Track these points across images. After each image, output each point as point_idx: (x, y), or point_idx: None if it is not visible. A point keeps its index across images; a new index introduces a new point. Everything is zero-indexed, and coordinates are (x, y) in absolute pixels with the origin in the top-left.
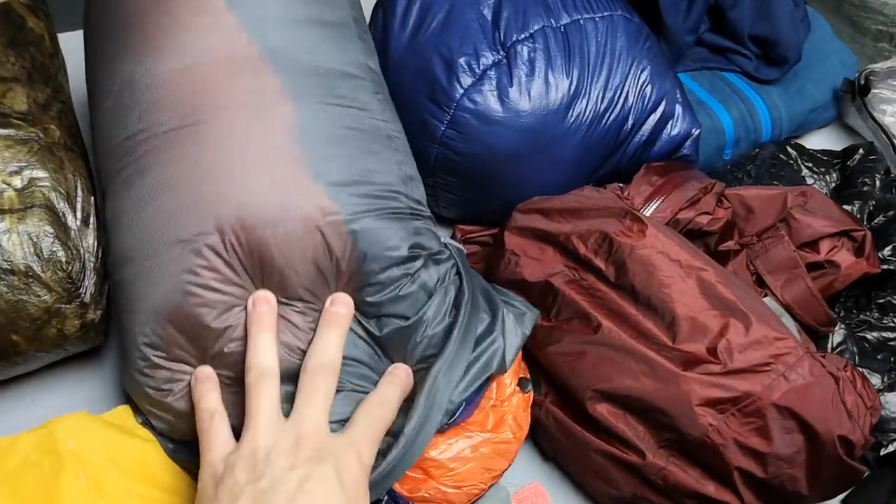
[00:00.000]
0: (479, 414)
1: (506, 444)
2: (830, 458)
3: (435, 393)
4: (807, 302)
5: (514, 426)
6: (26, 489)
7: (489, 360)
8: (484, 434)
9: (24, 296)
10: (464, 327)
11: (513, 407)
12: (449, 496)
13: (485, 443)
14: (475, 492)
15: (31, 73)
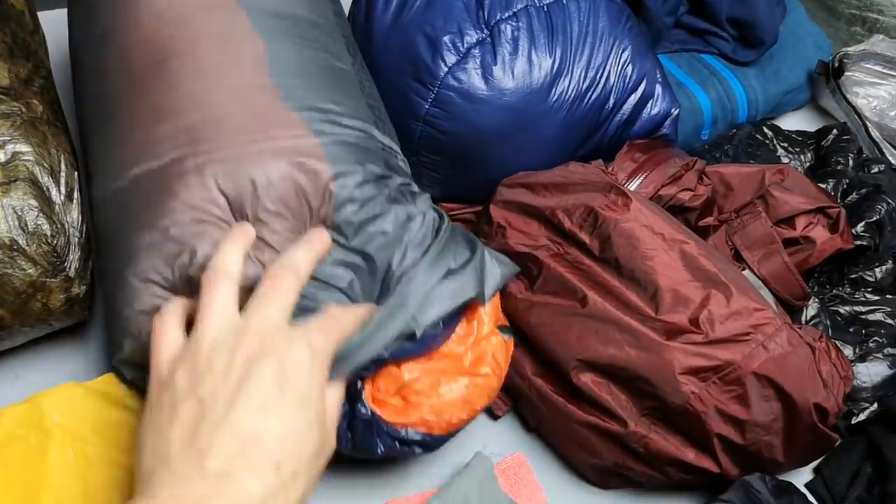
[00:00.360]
0: (458, 345)
1: (485, 378)
2: (806, 425)
3: (405, 296)
4: (783, 276)
5: (493, 363)
6: (13, 463)
7: (465, 285)
8: (463, 366)
9: (8, 269)
10: (440, 248)
11: (492, 346)
12: (429, 423)
13: (464, 375)
14: (455, 422)
15: (13, 48)
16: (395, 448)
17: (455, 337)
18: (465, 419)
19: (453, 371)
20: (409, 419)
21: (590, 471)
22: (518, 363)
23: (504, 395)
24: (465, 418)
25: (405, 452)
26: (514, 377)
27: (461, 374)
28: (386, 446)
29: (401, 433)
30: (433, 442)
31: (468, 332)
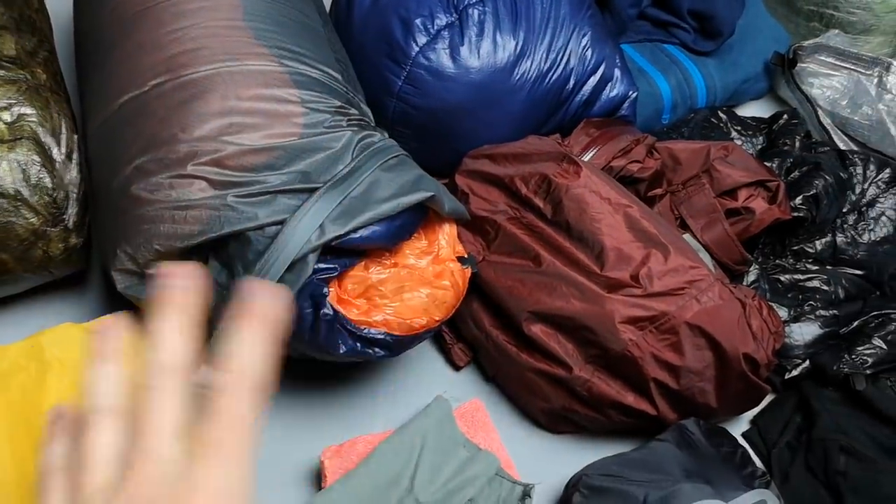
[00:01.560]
0: (420, 259)
1: (444, 290)
2: (736, 373)
3: (360, 180)
4: (724, 243)
5: (452, 280)
6: (15, 389)
7: (423, 183)
8: (425, 277)
9: (13, 217)
10: (398, 162)
11: (451, 268)
12: (391, 324)
13: (426, 285)
14: (415, 327)
15: (19, 23)
16: (358, 349)
17: (417, 251)
18: (424, 325)
19: (416, 280)
20: (371, 319)
21: (541, 415)
22: (476, 317)
23: (465, 347)
24: (424, 324)
25: (367, 354)
26: (473, 329)
27: (423, 284)
28: (348, 346)
29: (363, 331)
30: (394, 343)
31: (429, 251)
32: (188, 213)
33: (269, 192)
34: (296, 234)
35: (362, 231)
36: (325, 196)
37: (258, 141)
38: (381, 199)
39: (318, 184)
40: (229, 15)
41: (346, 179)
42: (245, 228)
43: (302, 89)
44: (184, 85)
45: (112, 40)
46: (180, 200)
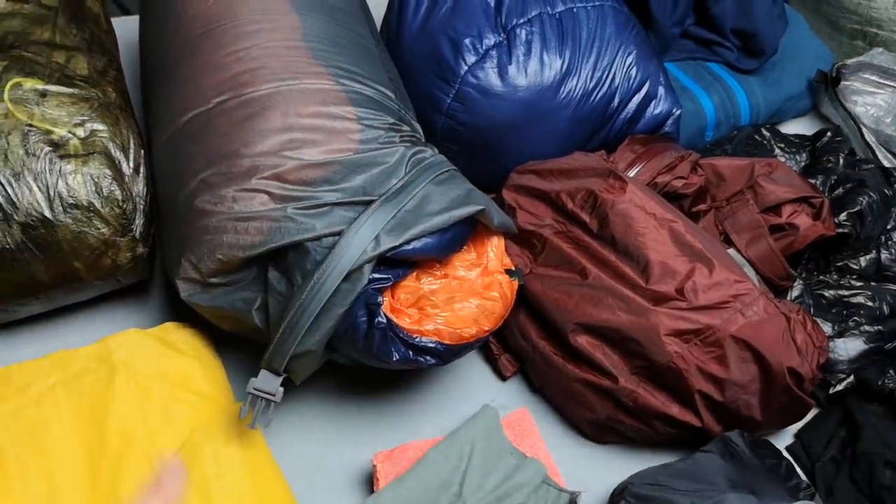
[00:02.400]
0: (469, 271)
1: (493, 301)
2: (780, 387)
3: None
4: (768, 258)
5: (501, 291)
6: (86, 390)
7: (473, 196)
8: (475, 289)
9: (86, 227)
10: (449, 177)
11: (499, 280)
12: (442, 333)
13: (475, 296)
14: (465, 336)
15: (91, 44)
16: (409, 356)
17: (467, 263)
18: (474, 334)
19: (466, 291)
20: (423, 328)
21: (586, 425)
22: (523, 328)
23: (512, 358)
24: (473, 333)
25: (418, 362)
26: (520, 340)
27: (473, 295)
28: (401, 354)
29: (415, 340)
30: (445, 352)
31: (478, 263)
32: (250, 225)
33: (326, 205)
34: (352, 245)
35: (415, 243)
36: (380, 209)
37: (317, 156)
38: (434, 212)
39: (374, 197)
40: (289, 36)
41: (399, 193)
42: (304, 239)
43: (358, 107)
44: (246, 102)
45: (176, 60)
46: (242, 212)
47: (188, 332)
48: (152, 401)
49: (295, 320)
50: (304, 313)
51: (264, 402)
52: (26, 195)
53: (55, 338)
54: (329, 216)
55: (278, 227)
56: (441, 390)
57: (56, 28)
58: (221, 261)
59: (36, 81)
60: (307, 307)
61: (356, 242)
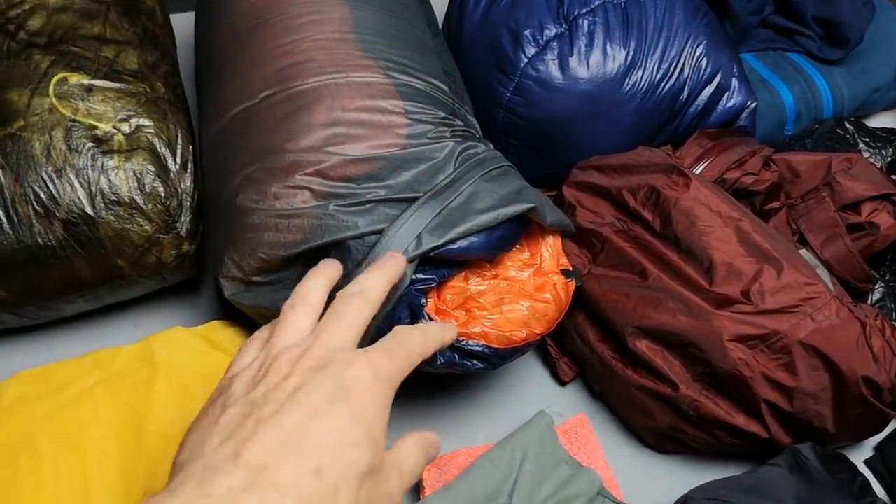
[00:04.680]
0: (522, 271)
1: (545, 303)
2: (855, 397)
3: (460, 191)
4: (845, 259)
5: (554, 293)
6: (126, 390)
7: (524, 194)
8: (526, 290)
9: (128, 224)
10: (501, 173)
11: (553, 281)
12: (489, 336)
13: (526, 298)
14: (514, 339)
15: (143, 38)
16: (455, 360)
17: (519, 263)
18: (525, 338)
19: (517, 293)
20: (469, 330)
21: (648, 434)
22: (581, 330)
23: (570, 362)
24: (524, 337)
25: (465, 366)
26: (578, 343)
27: (524, 297)
28: (445, 357)
29: (461, 343)
30: (493, 356)
31: (531, 263)
32: (291, 223)
33: (369, 202)
34: (392, 244)
35: (461, 242)
36: (423, 207)
37: (361, 151)
38: (481, 209)
39: (419, 194)
40: (339, 28)
41: (445, 190)
42: (345, 237)
43: (407, 101)
44: (292, 96)
45: (226, 54)
46: (284, 210)
47: (233, 331)
48: (193, 402)
49: None
50: None
51: None
52: (68, 191)
53: (103, 336)
54: (372, 213)
55: (319, 225)
56: (496, 396)
57: (107, 22)
58: (263, 259)
59: (82, 76)
60: None
61: (397, 242)
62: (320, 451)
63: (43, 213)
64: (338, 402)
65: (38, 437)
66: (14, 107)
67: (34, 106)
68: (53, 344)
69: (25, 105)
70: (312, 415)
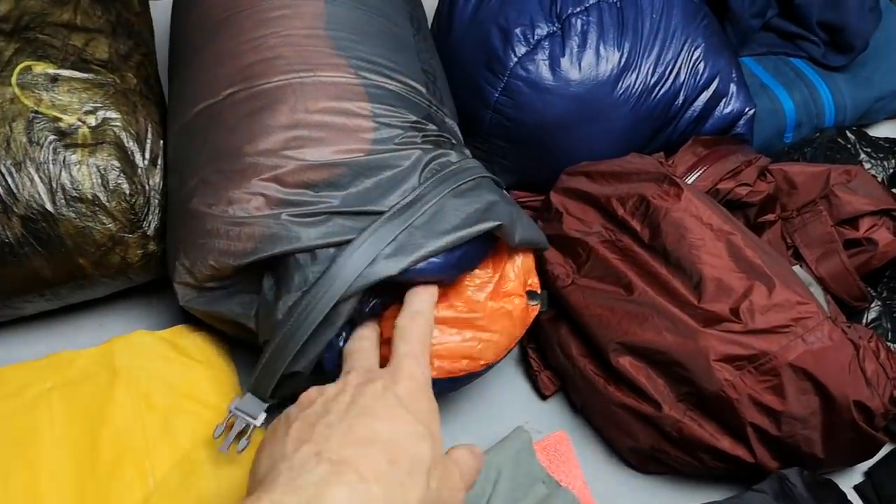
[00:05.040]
0: (479, 291)
1: (490, 333)
2: (846, 422)
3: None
4: (841, 276)
5: (506, 324)
6: (84, 397)
7: (493, 211)
8: (478, 313)
9: (90, 222)
10: (472, 186)
11: (513, 306)
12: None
13: (470, 326)
14: (455, 371)
15: (116, 26)
16: None
17: (478, 281)
18: (464, 369)
19: (463, 322)
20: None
21: (629, 453)
22: (564, 343)
23: (552, 375)
24: (463, 368)
25: None
26: (560, 356)
27: (468, 326)
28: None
29: None
30: (434, 385)
31: (490, 280)
32: (242, 231)
33: (324, 213)
34: (346, 268)
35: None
36: (382, 227)
37: (322, 157)
38: (442, 231)
39: (379, 206)
40: (311, 23)
41: (409, 208)
42: (294, 249)
43: (376, 103)
44: (256, 95)
45: (195, 46)
46: (236, 217)
47: (201, 336)
48: (153, 411)
49: (282, 346)
50: (291, 339)
51: (243, 424)
52: (27, 186)
53: (65, 336)
54: (325, 225)
55: (270, 235)
56: (474, 408)
57: (78, 9)
58: (214, 267)
59: (48, 65)
60: (294, 334)
61: (349, 267)
62: (391, 446)
63: (0, 209)
64: (397, 406)
65: None
66: None
67: None
68: (13, 343)
69: None
70: (378, 417)
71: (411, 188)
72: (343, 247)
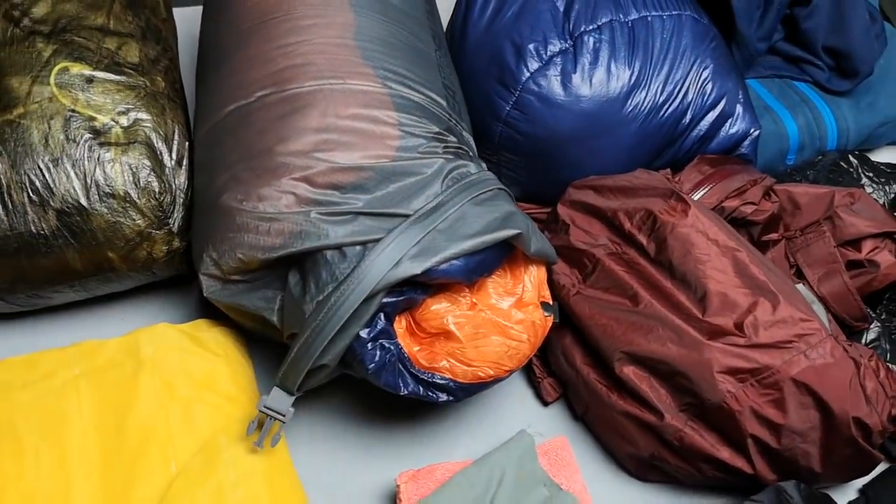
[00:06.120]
0: (503, 300)
1: (518, 342)
2: (845, 438)
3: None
4: (842, 296)
5: (531, 331)
6: (110, 383)
7: (510, 221)
8: (504, 320)
9: (121, 218)
10: (489, 197)
11: (532, 315)
12: (456, 371)
13: (501, 331)
14: (481, 376)
15: (145, 31)
16: (420, 392)
17: (501, 290)
18: (492, 375)
19: (492, 326)
20: (437, 364)
21: (629, 460)
22: (568, 352)
23: (555, 383)
24: (491, 374)
25: (430, 398)
26: (564, 364)
27: (499, 331)
28: (409, 388)
29: (426, 375)
30: (457, 389)
31: (513, 291)
32: (272, 226)
33: (351, 213)
34: (374, 267)
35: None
36: (409, 229)
37: (350, 160)
38: (465, 235)
39: (404, 209)
40: (341, 33)
41: (433, 213)
42: (322, 246)
43: (401, 112)
44: (287, 99)
45: (227, 51)
46: (266, 212)
47: (220, 331)
48: (175, 400)
49: (311, 340)
50: (319, 334)
51: (273, 420)
52: (63, 181)
53: (90, 327)
54: (352, 224)
55: (299, 232)
56: (477, 411)
57: (111, 14)
58: (241, 260)
59: (84, 67)
60: (323, 328)
61: (377, 266)
62: None
63: (38, 202)
64: None
65: (21, 425)
66: (14, 94)
67: (34, 94)
68: (40, 332)
69: (26, 93)
70: None
71: (434, 194)
72: (370, 246)
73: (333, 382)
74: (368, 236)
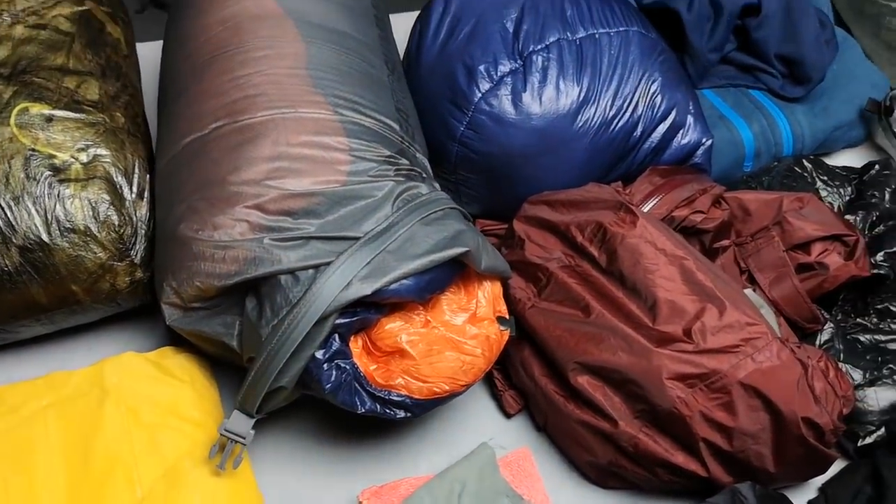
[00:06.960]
0: (456, 315)
1: (472, 357)
2: (795, 438)
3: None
4: (793, 299)
5: (485, 345)
6: (76, 413)
7: (460, 238)
8: (458, 336)
9: (82, 251)
10: (441, 216)
11: (486, 333)
12: (411, 388)
13: (455, 347)
14: (437, 391)
15: (105, 69)
16: (377, 409)
17: (454, 306)
18: (448, 390)
19: (446, 343)
20: (393, 382)
21: (589, 468)
22: (527, 364)
23: (516, 395)
24: (447, 389)
25: (387, 415)
26: (524, 377)
27: (453, 347)
28: (366, 407)
29: (382, 393)
30: (414, 406)
31: (467, 307)
32: (227, 254)
33: (303, 238)
34: (325, 289)
35: (392, 285)
36: (358, 252)
37: (301, 186)
38: (413, 255)
39: (354, 232)
40: (293, 63)
41: (382, 234)
42: (276, 271)
43: (352, 138)
44: (240, 129)
45: (183, 84)
46: (221, 241)
47: (185, 357)
48: (140, 426)
49: (267, 363)
50: (275, 357)
51: (235, 443)
52: (25, 219)
53: (58, 359)
54: (304, 249)
55: (253, 258)
56: (440, 426)
57: (70, 54)
58: (199, 288)
59: (43, 106)
60: (278, 351)
61: (328, 288)
62: None
63: (0, 239)
64: None
65: None
66: None
67: None
68: (9, 366)
69: None
70: None
71: (385, 216)
72: (322, 269)
73: (297, 403)
74: (320, 260)
